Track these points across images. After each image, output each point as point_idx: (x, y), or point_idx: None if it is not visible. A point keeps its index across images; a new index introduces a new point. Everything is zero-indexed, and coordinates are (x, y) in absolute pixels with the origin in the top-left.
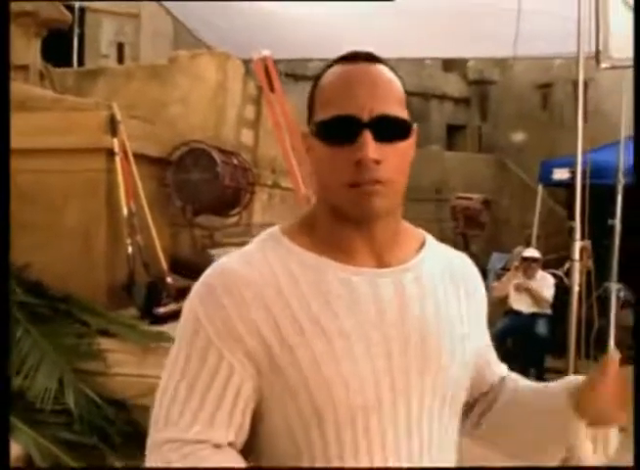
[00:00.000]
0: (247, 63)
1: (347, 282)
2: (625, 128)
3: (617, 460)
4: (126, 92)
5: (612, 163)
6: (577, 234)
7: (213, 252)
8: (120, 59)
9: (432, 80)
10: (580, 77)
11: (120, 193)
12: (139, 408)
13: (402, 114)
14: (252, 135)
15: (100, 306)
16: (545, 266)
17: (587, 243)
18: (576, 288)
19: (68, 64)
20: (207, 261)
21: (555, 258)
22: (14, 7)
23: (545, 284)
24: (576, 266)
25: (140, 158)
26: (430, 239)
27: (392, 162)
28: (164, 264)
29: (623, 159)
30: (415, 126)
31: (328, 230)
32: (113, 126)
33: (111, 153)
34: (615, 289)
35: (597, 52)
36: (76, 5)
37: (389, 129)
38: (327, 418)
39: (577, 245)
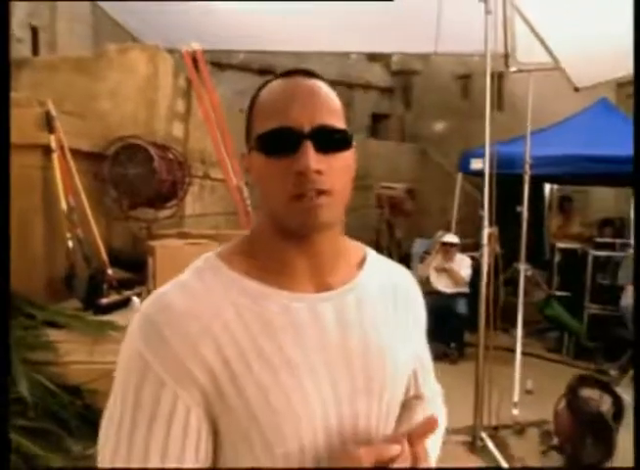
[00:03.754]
0: (171, 52)
1: (288, 310)
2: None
3: None
4: (52, 85)
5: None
6: (486, 221)
7: (152, 243)
8: (35, 44)
9: (356, 70)
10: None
11: (58, 188)
12: (92, 393)
13: (341, 125)
14: (183, 128)
15: (41, 300)
16: (464, 249)
17: (494, 229)
18: (485, 269)
19: None
20: (144, 253)
21: (473, 242)
22: None
23: (463, 265)
24: (485, 250)
25: (73, 153)
26: (370, 254)
27: (334, 172)
28: (105, 257)
29: (529, 150)
30: (354, 142)
31: (268, 252)
32: (49, 123)
33: (47, 149)
34: (523, 269)
35: (505, 56)
36: None
37: (330, 140)
38: (277, 452)
39: (486, 231)
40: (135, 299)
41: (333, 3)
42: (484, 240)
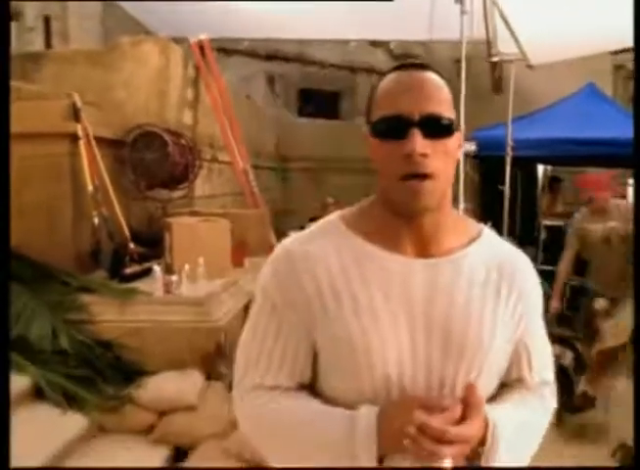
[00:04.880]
0: (178, 41)
1: (385, 268)
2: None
3: None
4: (72, 78)
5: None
6: (461, 197)
7: (169, 220)
8: (48, 33)
9: (358, 55)
10: (463, 69)
11: (84, 172)
12: (120, 346)
13: (449, 114)
14: (192, 114)
15: (71, 271)
16: None
17: (469, 205)
18: None
19: None
20: (159, 230)
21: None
22: None
23: None
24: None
25: (97, 140)
26: (485, 233)
27: (439, 156)
28: (127, 232)
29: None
30: (460, 129)
31: (380, 220)
32: (75, 113)
33: (74, 138)
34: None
35: (488, 46)
36: None
37: (436, 128)
38: (352, 385)
39: (461, 207)
40: (156, 267)
41: None
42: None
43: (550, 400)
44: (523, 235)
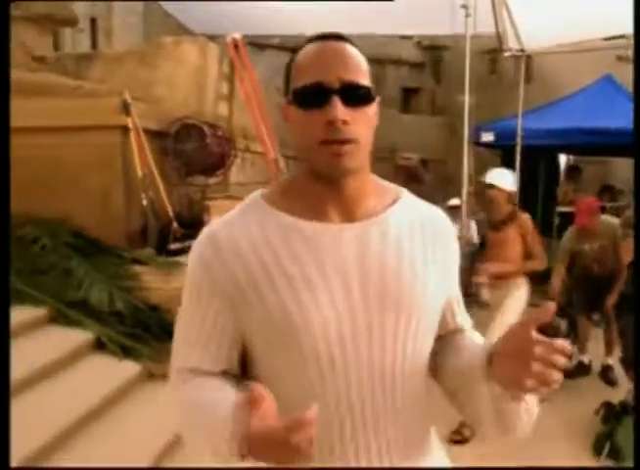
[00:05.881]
0: (213, 38)
1: (312, 237)
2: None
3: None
4: (119, 75)
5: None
6: (465, 181)
7: (208, 203)
8: (94, 33)
9: (387, 47)
10: (467, 63)
11: (134, 160)
12: (166, 310)
13: (366, 83)
14: (227, 108)
15: (123, 248)
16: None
17: (471, 188)
18: (465, 221)
19: None
20: (197, 213)
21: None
22: (34, 10)
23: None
24: (464, 208)
25: (144, 132)
26: (405, 195)
27: (359, 123)
28: (171, 214)
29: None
30: (378, 98)
31: (302, 190)
32: (125, 108)
33: (125, 130)
34: None
35: (499, 42)
36: None
37: (356, 95)
38: (294, 357)
39: (464, 191)
40: None
41: None
42: (463, 197)
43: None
44: (543, 222)
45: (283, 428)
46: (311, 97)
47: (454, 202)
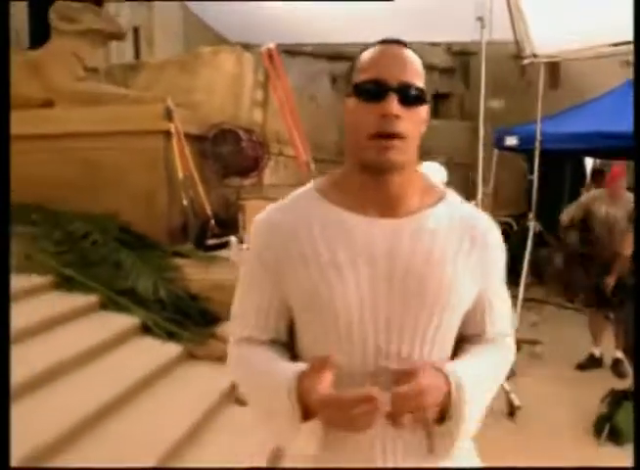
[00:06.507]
0: (248, 47)
1: (351, 228)
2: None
3: None
4: (161, 82)
5: (551, 131)
6: (479, 183)
7: (243, 202)
8: (137, 41)
9: (418, 53)
10: (482, 72)
11: (176, 163)
12: (205, 298)
13: (421, 85)
14: (262, 114)
15: (165, 243)
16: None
17: (488, 189)
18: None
19: None
20: (233, 212)
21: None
22: (86, 25)
23: None
24: (479, 207)
25: (185, 136)
26: (450, 196)
27: (410, 122)
28: (209, 212)
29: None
30: (428, 106)
31: (349, 184)
32: (168, 114)
33: (167, 134)
34: (532, 225)
35: (518, 49)
36: None
37: (410, 95)
38: (320, 331)
39: (479, 190)
40: (233, 238)
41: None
42: (478, 198)
43: (508, 350)
44: None
45: (351, 398)
46: (370, 91)
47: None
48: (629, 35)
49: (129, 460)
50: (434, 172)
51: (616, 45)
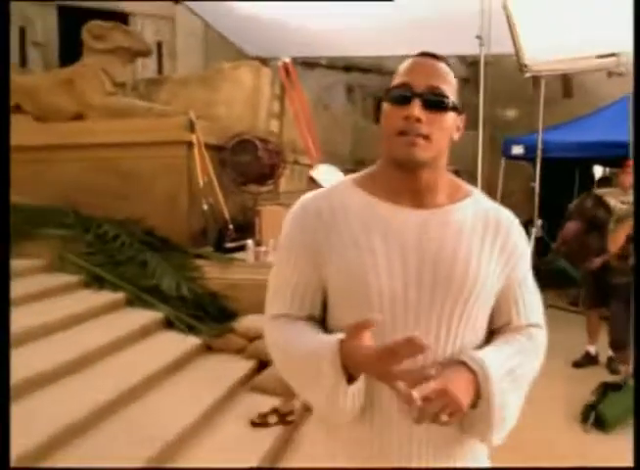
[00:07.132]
0: (264, 61)
1: (385, 216)
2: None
3: None
4: (183, 96)
5: (554, 140)
6: (479, 183)
7: (259, 208)
8: (160, 55)
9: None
10: (481, 87)
11: (197, 171)
12: (223, 296)
13: (449, 94)
14: (278, 124)
15: (186, 245)
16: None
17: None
18: None
19: None
20: (250, 218)
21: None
22: (115, 44)
23: None
24: None
25: (205, 146)
26: (475, 193)
27: (432, 125)
28: (227, 217)
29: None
30: (463, 116)
31: (384, 177)
32: (191, 126)
33: (189, 145)
34: (534, 231)
35: (519, 63)
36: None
37: (434, 101)
38: (354, 310)
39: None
40: (249, 242)
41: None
42: None
43: (539, 339)
44: None
45: (395, 343)
46: (398, 96)
47: None
48: (614, 48)
49: (155, 434)
50: (325, 175)
51: (601, 57)
